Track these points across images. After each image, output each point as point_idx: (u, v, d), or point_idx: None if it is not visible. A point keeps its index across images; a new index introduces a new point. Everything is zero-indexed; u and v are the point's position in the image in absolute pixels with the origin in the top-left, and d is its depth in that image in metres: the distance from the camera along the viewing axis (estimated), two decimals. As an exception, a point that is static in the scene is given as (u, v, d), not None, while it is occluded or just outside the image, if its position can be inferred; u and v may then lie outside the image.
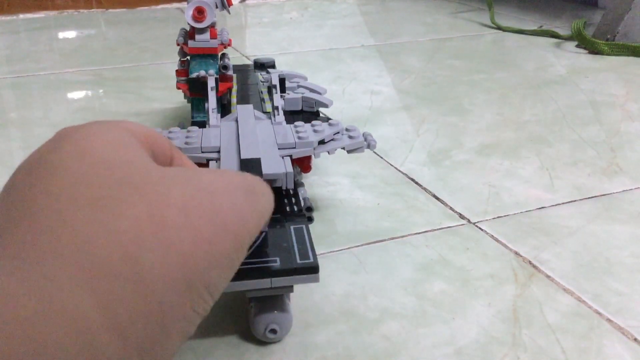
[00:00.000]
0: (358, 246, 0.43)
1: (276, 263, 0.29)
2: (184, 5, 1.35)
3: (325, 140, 0.41)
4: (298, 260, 0.29)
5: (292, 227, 0.32)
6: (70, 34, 1.13)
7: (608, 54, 0.93)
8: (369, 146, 0.42)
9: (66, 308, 0.16)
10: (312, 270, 0.29)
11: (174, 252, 0.19)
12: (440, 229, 0.45)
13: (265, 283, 0.28)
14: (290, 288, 0.30)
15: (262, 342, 0.33)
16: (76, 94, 0.77)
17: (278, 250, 0.30)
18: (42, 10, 1.28)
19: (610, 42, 0.94)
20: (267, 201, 0.25)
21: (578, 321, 0.35)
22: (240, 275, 0.26)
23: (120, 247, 0.18)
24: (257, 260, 0.29)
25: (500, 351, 0.33)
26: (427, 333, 0.34)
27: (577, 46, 0.98)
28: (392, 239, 0.44)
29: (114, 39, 1.05)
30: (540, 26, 1.10)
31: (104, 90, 0.78)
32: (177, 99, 0.72)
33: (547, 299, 0.37)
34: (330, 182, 0.52)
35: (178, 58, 0.53)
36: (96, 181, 0.20)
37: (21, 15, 1.24)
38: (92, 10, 1.30)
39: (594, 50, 0.94)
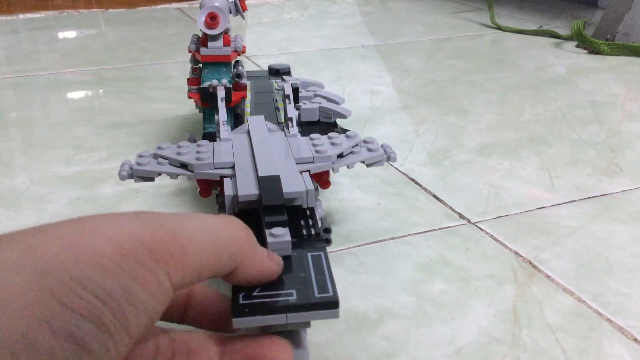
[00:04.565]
0: (358, 246, 0.43)
1: (292, 297, 0.26)
2: (184, 5, 1.35)
3: (344, 154, 0.39)
4: (316, 294, 0.26)
5: (309, 255, 0.29)
6: (70, 34, 1.13)
7: (608, 54, 0.93)
8: (389, 159, 0.40)
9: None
10: (331, 305, 0.26)
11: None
12: (440, 229, 0.45)
13: (280, 319, 0.26)
14: (307, 323, 0.27)
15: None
16: (76, 94, 0.78)
17: (294, 282, 0.27)
18: (42, 10, 1.28)
19: (610, 42, 0.94)
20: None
21: (578, 321, 0.35)
22: (253, 309, 0.25)
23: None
24: (271, 293, 0.26)
25: (500, 351, 0.33)
26: (427, 333, 0.34)
27: (577, 46, 0.98)
28: (392, 239, 0.44)
29: (114, 39, 1.05)
30: (540, 26, 1.10)
31: (104, 90, 0.78)
32: (177, 99, 0.72)
33: (547, 299, 0.37)
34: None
35: (178, 58, 0.53)
36: None
37: (21, 15, 1.24)
38: (92, 10, 1.30)
39: (594, 50, 0.94)
